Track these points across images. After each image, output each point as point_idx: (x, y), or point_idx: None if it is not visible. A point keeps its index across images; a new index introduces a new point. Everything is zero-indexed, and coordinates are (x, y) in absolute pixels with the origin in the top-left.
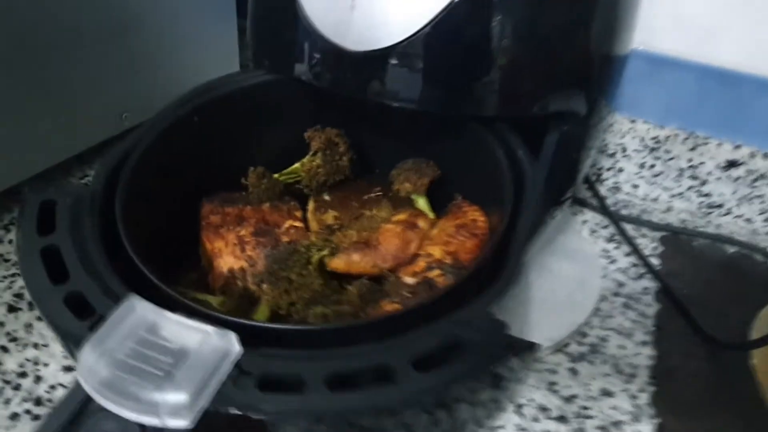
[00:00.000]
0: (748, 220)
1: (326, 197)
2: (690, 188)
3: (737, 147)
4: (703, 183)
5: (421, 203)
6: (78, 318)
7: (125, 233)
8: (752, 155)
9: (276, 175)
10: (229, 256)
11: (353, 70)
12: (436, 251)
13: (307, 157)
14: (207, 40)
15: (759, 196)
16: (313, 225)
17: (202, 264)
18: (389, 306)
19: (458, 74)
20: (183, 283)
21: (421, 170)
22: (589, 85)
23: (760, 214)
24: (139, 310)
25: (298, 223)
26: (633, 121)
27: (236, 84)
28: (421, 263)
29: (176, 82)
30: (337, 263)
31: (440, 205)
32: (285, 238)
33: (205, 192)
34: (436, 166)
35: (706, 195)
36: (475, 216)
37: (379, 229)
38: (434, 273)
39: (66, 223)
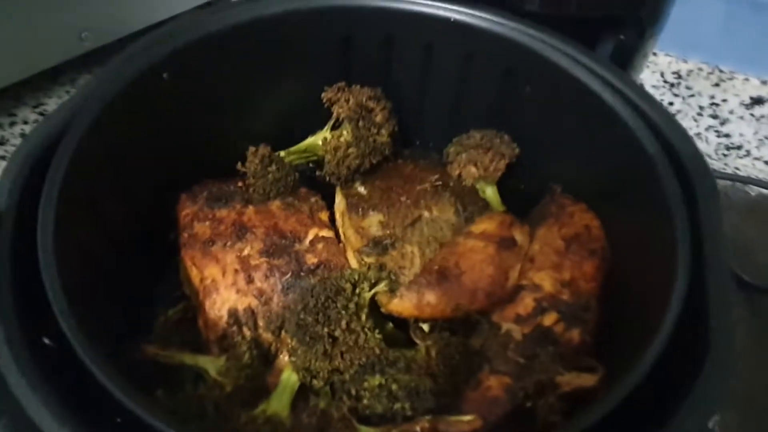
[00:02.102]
0: None
1: (360, 188)
2: (709, 128)
3: (765, 83)
4: (724, 122)
5: (489, 194)
6: None
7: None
8: None
9: (281, 154)
10: (228, 290)
11: None
12: (546, 281)
13: (327, 129)
14: None
15: None
16: (349, 235)
17: (183, 290)
18: (494, 381)
19: None
20: (159, 330)
21: (494, 148)
22: None
23: None
24: None
25: (327, 232)
26: (654, 54)
27: (221, 22)
28: (527, 301)
29: None
30: (402, 306)
31: (512, 198)
32: (311, 259)
33: (181, 183)
34: (512, 141)
35: (726, 135)
36: (587, 220)
37: (456, 246)
38: (550, 318)
39: None
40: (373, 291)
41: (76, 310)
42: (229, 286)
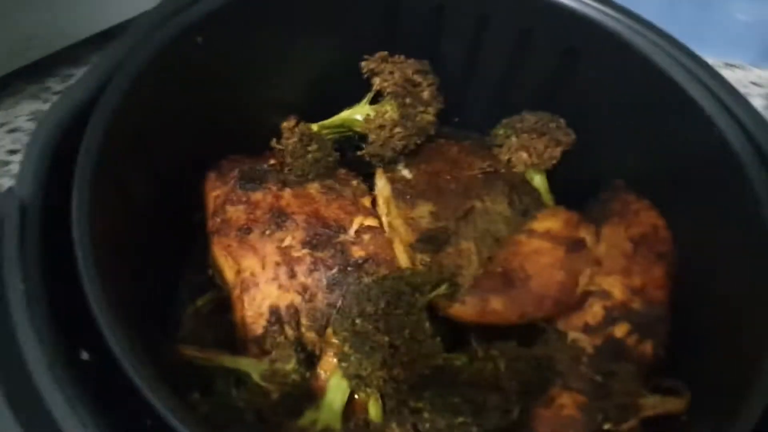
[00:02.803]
0: None
1: (404, 172)
2: None
3: None
4: None
5: (538, 182)
6: None
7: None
8: None
9: (314, 128)
10: (269, 285)
11: None
12: (615, 287)
13: (367, 103)
14: None
15: None
16: (398, 226)
17: (211, 277)
18: (568, 399)
19: None
20: (189, 323)
21: (549, 133)
22: None
23: None
24: None
25: (372, 221)
26: None
27: None
28: (596, 309)
29: None
30: (465, 312)
31: (560, 187)
32: (358, 252)
33: (206, 161)
34: (568, 127)
35: None
36: (654, 219)
37: (519, 246)
38: (621, 329)
39: None
40: (433, 294)
41: (113, 312)
42: (270, 280)
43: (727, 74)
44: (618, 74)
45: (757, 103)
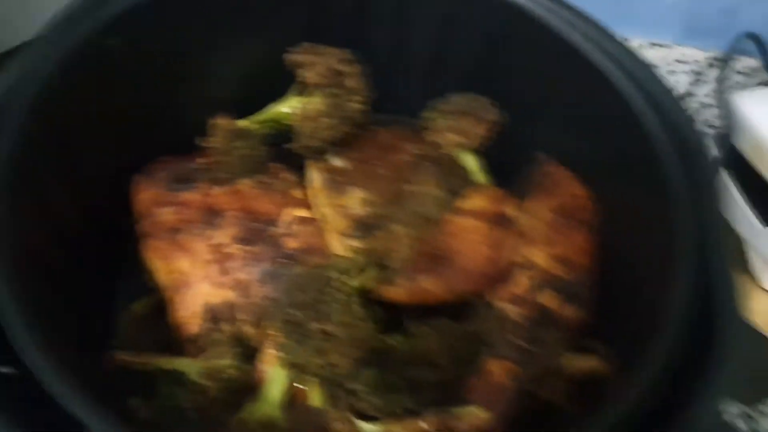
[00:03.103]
0: None
1: (336, 161)
2: None
3: None
4: None
5: (470, 163)
6: None
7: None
8: None
9: (243, 124)
10: (203, 282)
11: None
12: (540, 257)
13: (293, 96)
14: None
15: None
16: (329, 215)
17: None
18: (497, 367)
19: None
20: (124, 328)
21: (474, 113)
22: None
23: None
24: None
25: (304, 212)
26: None
27: None
28: (521, 280)
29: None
30: (396, 293)
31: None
32: (290, 243)
33: (133, 164)
34: (494, 106)
35: None
36: (574, 188)
37: (447, 225)
38: (546, 297)
39: None
40: (361, 278)
41: (33, 327)
42: (202, 278)
43: (654, 53)
44: (537, 55)
45: (682, 79)
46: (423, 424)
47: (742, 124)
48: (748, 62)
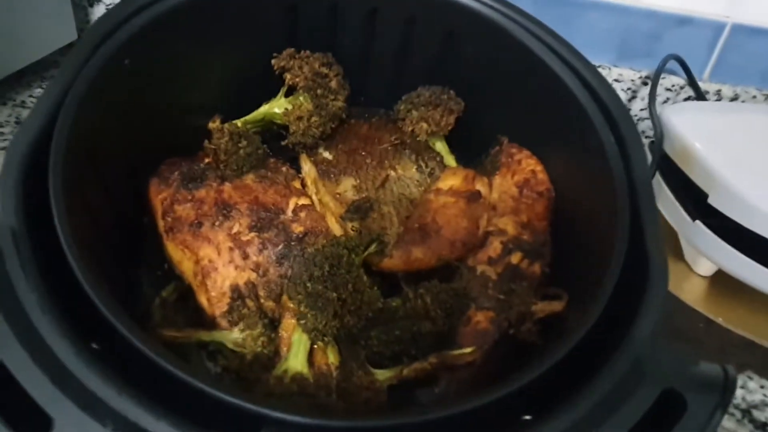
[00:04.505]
0: None
1: (325, 154)
2: None
3: None
4: None
5: (440, 147)
6: None
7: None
8: None
9: (239, 124)
10: (227, 267)
11: None
12: (509, 225)
13: (282, 97)
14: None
15: None
16: (328, 202)
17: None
18: (481, 316)
19: None
20: (159, 313)
21: (442, 104)
22: None
23: None
24: None
25: (305, 200)
26: None
27: (166, 3)
28: (495, 245)
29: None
30: (393, 263)
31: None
32: (297, 228)
33: (145, 167)
34: (458, 96)
35: None
36: (533, 165)
37: (430, 204)
38: (516, 257)
39: None
40: (366, 253)
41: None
42: (227, 263)
43: None
44: (491, 51)
45: (620, 96)
46: (425, 365)
47: (670, 133)
48: (674, 80)
